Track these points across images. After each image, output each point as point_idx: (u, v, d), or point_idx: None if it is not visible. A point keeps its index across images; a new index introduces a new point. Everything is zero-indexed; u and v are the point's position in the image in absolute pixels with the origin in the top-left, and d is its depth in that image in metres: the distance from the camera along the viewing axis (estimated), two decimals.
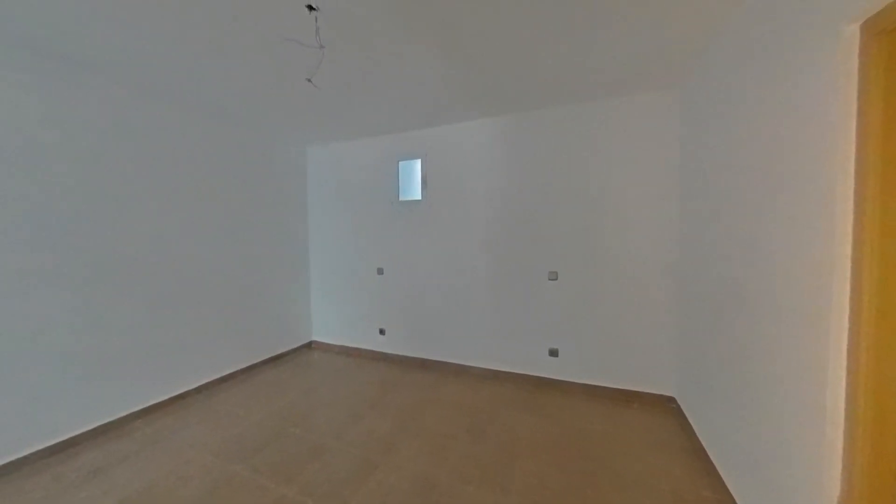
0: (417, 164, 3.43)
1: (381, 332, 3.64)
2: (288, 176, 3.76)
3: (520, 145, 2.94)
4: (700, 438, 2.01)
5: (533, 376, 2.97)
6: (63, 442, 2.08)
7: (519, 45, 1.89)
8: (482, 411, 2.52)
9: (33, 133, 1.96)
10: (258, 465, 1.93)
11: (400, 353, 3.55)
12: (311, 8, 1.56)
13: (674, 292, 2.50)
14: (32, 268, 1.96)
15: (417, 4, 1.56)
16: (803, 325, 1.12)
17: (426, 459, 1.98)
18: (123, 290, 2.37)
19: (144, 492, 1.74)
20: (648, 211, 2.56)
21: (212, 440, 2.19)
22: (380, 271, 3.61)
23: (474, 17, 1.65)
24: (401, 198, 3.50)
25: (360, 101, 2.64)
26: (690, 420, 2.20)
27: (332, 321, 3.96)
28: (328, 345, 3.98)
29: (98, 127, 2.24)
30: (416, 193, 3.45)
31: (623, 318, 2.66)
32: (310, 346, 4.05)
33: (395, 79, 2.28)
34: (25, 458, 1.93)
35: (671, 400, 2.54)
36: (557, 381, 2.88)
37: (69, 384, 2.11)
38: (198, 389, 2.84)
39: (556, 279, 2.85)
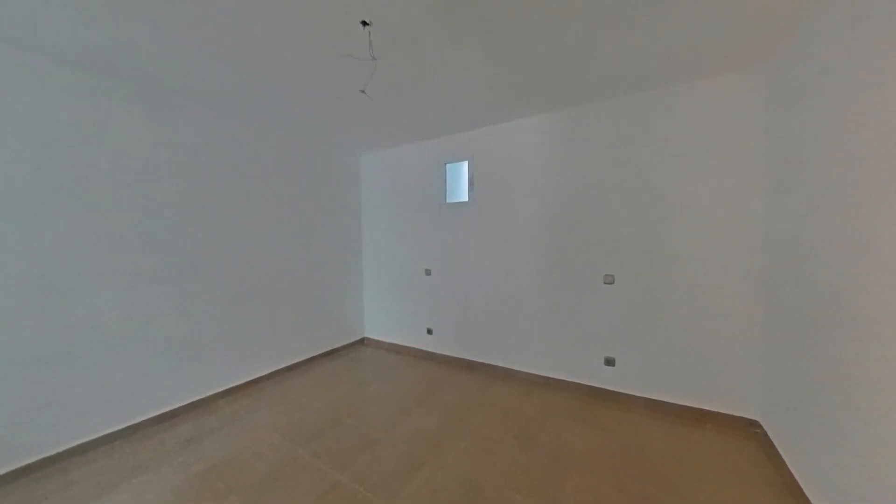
0: (464, 165, 3.45)
1: (429, 331, 3.71)
2: (344, 183, 4.02)
3: (573, 141, 2.80)
4: (793, 472, 1.72)
5: (586, 385, 2.80)
6: (165, 413, 2.46)
7: (571, 36, 1.80)
8: (531, 418, 2.44)
9: (146, 154, 2.36)
10: (317, 450, 2.09)
11: (447, 353, 3.59)
12: (364, 23, 1.65)
13: (758, 301, 2.18)
14: (143, 266, 2.35)
15: (465, 7, 1.57)
16: None
17: (473, 462, 1.97)
18: (210, 286, 2.73)
19: (226, 462, 1.99)
20: (725, 208, 2.27)
21: (279, 423, 2.42)
22: (427, 272, 3.69)
23: (523, 12, 1.61)
24: (448, 200, 3.54)
25: (410, 107, 2.72)
26: (780, 449, 1.90)
27: (382, 319, 4.14)
28: (379, 342, 4.17)
29: (192, 146, 2.61)
30: (464, 195, 3.47)
31: (693, 328, 2.38)
32: (362, 342, 4.29)
33: (443, 83, 2.31)
34: (138, 424, 2.32)
35: (754, 424, 2.21)
36: (614, 392, 2.68)
37: (171, 365, 2.49)
38: (268, 376, 3.16)
39: (613, 283, 2.65)
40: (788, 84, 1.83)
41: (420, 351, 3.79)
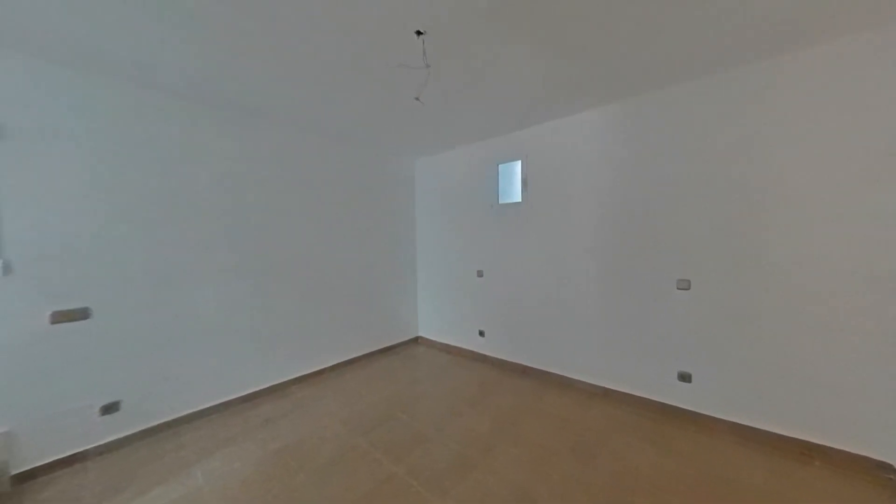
0: (517, 165, 3.37)
1: (481, 333, 3.69)
2: (399, 187, 4.20)
3: (638, 133, 2.56)
4: None
5: (656, 402, 2.53)
6: (249, 394, 2.81)
7: (634, 18, 1.65)
8: (590, 431, 2.28)
9: (233, 168, 2.73)
10: (374, 441, 2.21)
11: (499, 356, 3.53)
12: (419, 33, 1.71)
13: (888, 314, 1.76)
14: (229, 265, 2.72)
15: (517, 4, 1.53)
16: None
17: (526, 470, 1.90)
18: (284, 284, 3.06)
19: (297, 444, 2.20)
20: (839, 201, 1.87)
21: (341, 412, 2.61)
22: (479, 274, 3.67)
23: (579, 2, 1.52)
24: (500, 201, 3.49)
25: (462, 110, 2.74)
26: None
27: (435, 319, 4.23)
28: (432, 341, 4.26)
29: (268, 159, 2.96)
30: (517, 196, 3.39)
31: (797, 344, 2.01)
32: (416, 340, 4.42)
33: (496, 82, 2.28)
34: (227, 402, 2.69)
35: (885, 467, 1.78)
36: (690, 412, 2.38)
37: (252, 352, 2.85)
38: (331, 368, 3.43)
39: (688, 288, 2.36)
40: None
41: (472, 352, 3.79)
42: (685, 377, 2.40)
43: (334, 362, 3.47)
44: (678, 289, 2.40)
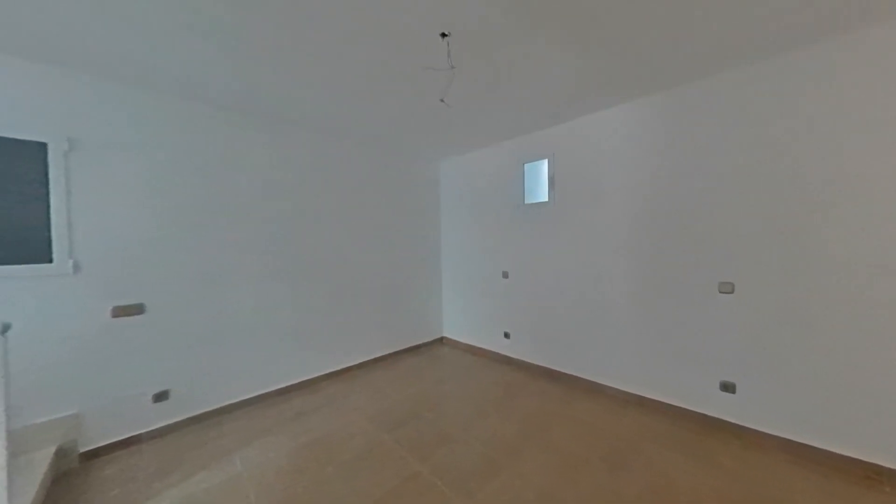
0: (544, 164, 3.29)
1: (506, 335, 3.64)
2: (425, 189, 4.25)
3: (676, 127, 2.42)
4: None
5: (696, 413, 2.37)
6: (283, 388, 2.95)
7: (678, 2, 1.56)
8: (622, 440, 2.18)
9: (268, 174, 2.88)
10: (400, 438, 2.24)
11: (525, 359, 3.46)
12: (444, 35, 1.72)
13: None
14: (268, 267, 2.87)
15: (545, 2, 1.50)
16: None
17: (554, 477, 1.85)
18: (315, 284, 3.18)
19: (326, 437, 2.28)
20: None
21: (369, 408, 2.67)
22: (505, 275, 3.63)
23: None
24: (526, 201, 3.43)
25: (487, 110, 2.73)
26: None
27: (460, 320, 4.22)
28: (456, 342, 4.26)
29: (300, 165, 3.09)
30: (543, 195, 3.32)
31: (864, 354, 1.81)
32: (441, 341, 4.44)
33: (522, 80, 2.25)
34: (263, 395, 2.83)
35: None
36: (735, 425, 2.21)
37: (287, 348, 2.99)
38: (359, 365, 3.52)
39: (732, 292, 2.19)
40: None
41: (497, 354, 3.75)
42: (728, 387, 2.23)
43: (362, 360, 3.56)
44: (720, 292, 2.24)
